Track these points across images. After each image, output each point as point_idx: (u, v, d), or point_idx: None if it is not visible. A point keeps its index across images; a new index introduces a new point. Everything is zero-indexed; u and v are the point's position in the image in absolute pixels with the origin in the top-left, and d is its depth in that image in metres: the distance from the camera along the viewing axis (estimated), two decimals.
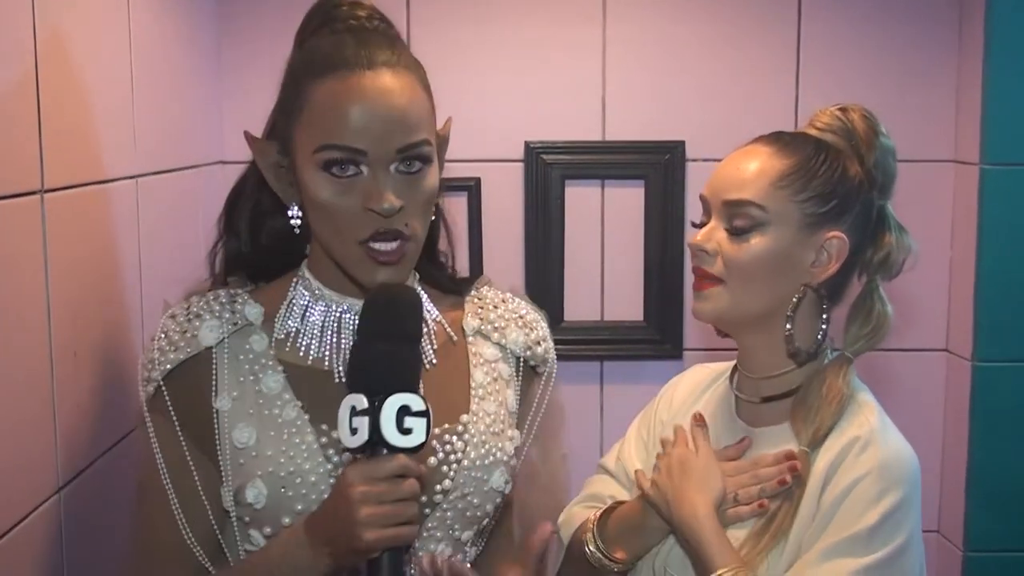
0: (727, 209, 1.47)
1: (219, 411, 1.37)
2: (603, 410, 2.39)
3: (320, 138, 1.30)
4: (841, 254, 1.48)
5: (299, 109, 1.33)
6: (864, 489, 1.39)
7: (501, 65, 2.32)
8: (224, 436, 1.37)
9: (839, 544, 1.37)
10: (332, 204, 1.31)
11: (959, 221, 2.34)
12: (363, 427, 1.21)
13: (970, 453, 2.27)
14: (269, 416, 1.37)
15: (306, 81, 1.32)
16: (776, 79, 2.32)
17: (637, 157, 2.34)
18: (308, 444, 1.36)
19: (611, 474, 1.68)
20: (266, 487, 1.34)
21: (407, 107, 1.31)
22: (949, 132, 2.35)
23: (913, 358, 2.39)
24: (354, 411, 1.21)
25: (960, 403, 2.32)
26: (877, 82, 2.32)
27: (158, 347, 1.38)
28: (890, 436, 1.45)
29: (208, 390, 1.38)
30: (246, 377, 1.39)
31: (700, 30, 2.32)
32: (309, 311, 1.42)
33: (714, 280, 1.47)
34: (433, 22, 2.30)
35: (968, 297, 2.28)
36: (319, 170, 1.31)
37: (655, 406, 1.70)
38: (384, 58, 1.32)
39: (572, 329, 2.36)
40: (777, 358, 1.51)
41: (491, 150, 2.33)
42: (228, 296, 1.43)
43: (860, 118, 1.52)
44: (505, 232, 2.35)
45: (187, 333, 1.38)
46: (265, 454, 1.35)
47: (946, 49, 2.33)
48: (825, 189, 1.46)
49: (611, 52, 2.33)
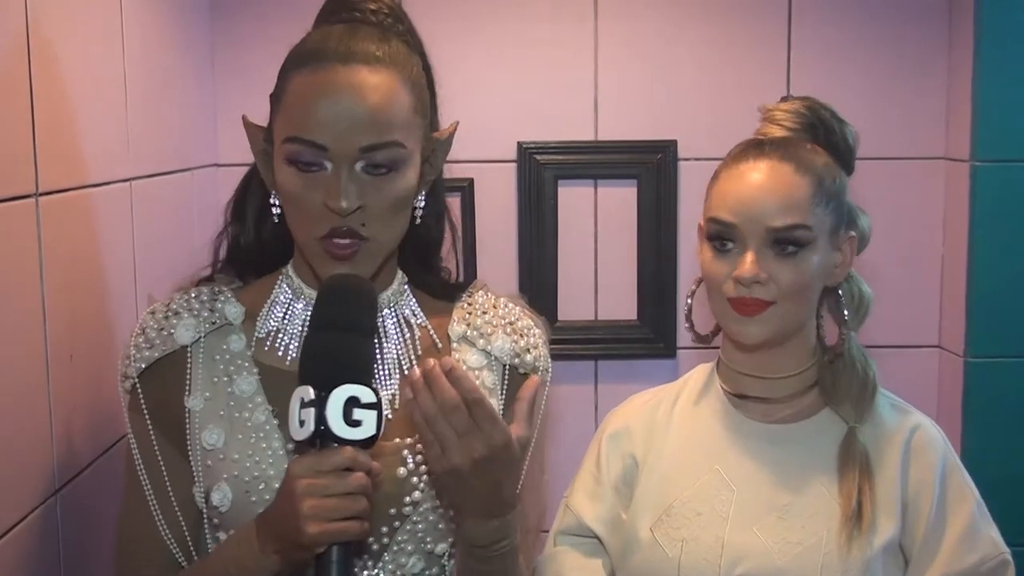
0: (773, 235, 1.47)
1: (191, 411, 1.36)
2: (598, 409, 2.39)
3: (287, 130, 1.28)
4: (854, 251, 1.56)
5: (278, 99, 1.32)
6: (953, 464, 1.54)
7: (493, 66, 2.32)
8: (195, 436, 1.35)
9: (975, 520, 1.51)
10: (296, 197, 1.29)
11: (951, 218, 2.35)
12: (310, 419, 1.18)
13: (963, 449, 2.27)
14: (239, 419, 1.35)
15: (288, 71, 1.31)
16: (767, 78, 2.33)
17: (630, 157, 2.35)
18: (274, 450, 1.34)
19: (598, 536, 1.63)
20: (231, 491, 1.33)
21: (378, 105, 1.27)
22: (940, 129, 2.35)
23: (906, 355, 2.40)
24: (302, 403, 1.19)
25: (953, 399, 2.33)
26: (868, 80, 2.33)
27: (135, 344, 1.38)
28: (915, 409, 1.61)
29: (181, 389, 1.36)
30: (220, 378, 1.37)
31: (692, 29, 2.33)
32: (290, 310, 1.41)
33: (766, 304, 1.49)
34: (424, 22, 2.29)
35: (960, 294, 2.29)
36: (286, 162, 1.29)
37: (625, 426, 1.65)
38: (364, 53, 1.29)
39: (566, 329, 2.37)
40: (797, 359, 1.56)
41: (484, 151, 2.33)
42: (210, 294, 1.41)
43: (818, 109, 1.57)
44: (498, 233, 2.36)
45: (163, 331, 1.37)
46: (232, 457, 1.34)
47: (936, 46, 2.34)
48: (836, 196, 1.52)
49: (603, 52, 2.33)
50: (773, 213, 1.47)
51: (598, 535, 1.62)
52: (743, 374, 1.57)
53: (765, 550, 1.48)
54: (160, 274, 1.82)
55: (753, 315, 1.49)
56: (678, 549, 1.52)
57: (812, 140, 1.54)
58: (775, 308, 1.49)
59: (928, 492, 1.50)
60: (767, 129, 1.57)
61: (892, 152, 2.35)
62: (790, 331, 1.52)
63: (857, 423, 1.53)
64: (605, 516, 1.62)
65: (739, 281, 1.48)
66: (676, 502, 1.55)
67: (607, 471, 1.63)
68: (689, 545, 1.51)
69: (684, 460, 1.59)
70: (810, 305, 1.53)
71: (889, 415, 1.56)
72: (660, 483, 1.58)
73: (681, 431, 1.61)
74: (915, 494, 1.50)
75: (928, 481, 1.51)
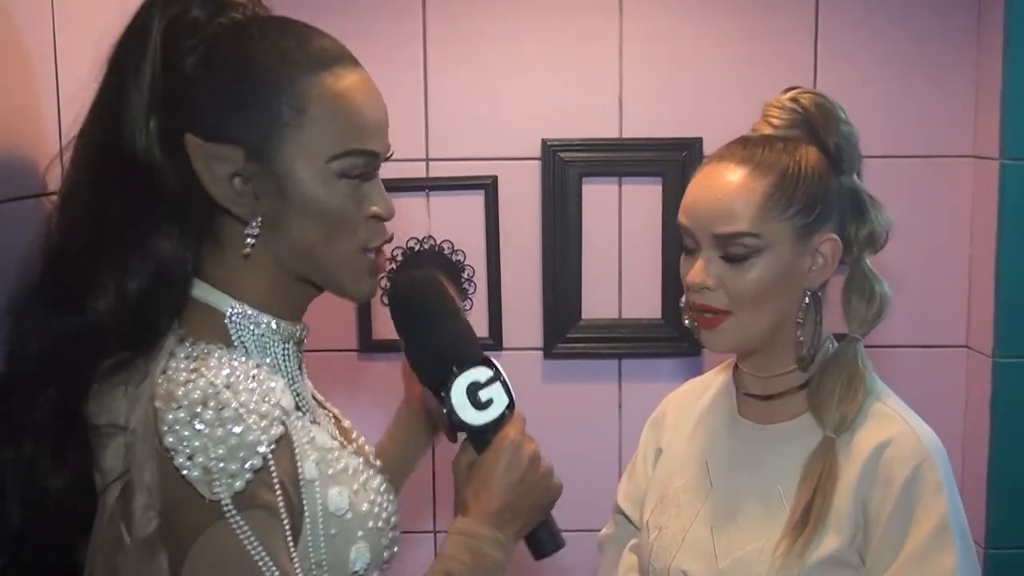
0: (719, 241, 1.44)
1: (306, 481, 1.16)
2: (622, 408, 2.39)
3: (339, 144, 1.16)
4: (836, 254, 1.48)
5: (292, 109, 1.15)
6: (927, 480, 1.42)
7: (518, 63, 2.32)
8: (315, 509, 1.17)
9: (928, 542, 1.40)
10: (346, 212, 1.18)
11: (979, 216, 2.33)
12: (498, 394, 1.26)
13: (991, 450, 2.25)
14: (342, 471, 1.23)
15: (293, 76, 1.16)
16: (794, 75, 2.31)
17: (654, 154, 2.33)
18: (381, 483, 1.31)
19: (626, 515, 1.72)
20: (368, 546, 1.23)
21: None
22: (968, 127, 2.33)
23: (933, 355, 2.38)
24: (478, 385, 1.25)
25: (981, 400, 2.31)
26: (895, 76, 2.31)
27: (255, 424, 1.09)
28: (918, 420, 1.49)
29: (293, 463, 1.15)
30: (307, 435, 1.20)
31: (717, 25, 2.32)
32: (265, 350, 1.22)
33: (721, 313, 1.46)
34: (449, 20, 2.30)
35: (988, 293, 2.27)
36: (334, 178, 1.17)
37: (663, 413, 1.73)
38: (350, 52, 1.23)
39: (590, 327, 2.36)
40: (787, 356, 1.51)
41: (508, 148, 2.33)
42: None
43: (814, 104, 1.51)
44: (522, 230, 2.35)
45: (268, 399, 1.13)
46: (360, 510, 1.22)
47: (965, 43, 2.31)
48: (808, 197, 1.45)
49: (628, 48, 2.32)
50: (717, 219, 1.44)
51: (625, 512, 1.71)
52: (744, 371, 1.57)
53: (711, 552, 1.49)
54: None
55: (713, 327, 1.47)
56: (655, 535, 1.57)
57: (801, 138, 1.49)
58: (733, 319, 1.45)
59: (886, 509, 1.41)
60: (758, 126, 1.55)
61: (919, 150, 2.33)
62: (759, 338, 1.48)
63: (833, 433, 1.46)
64: (632, 494, 1.71)
65: (689, 286, 1.47)
66: (671, 490, 1.59)
67: (642, 454, 1.72)
68: (662, 533, 1.56)
69: (688, 451, 1.62)
70: (777, 311, 1.47)
71: (867, 425, 1.47)
72: (667, 470, 1.63)
73: (697, 422, 1.64)
74: (872, 510, 1.43)
75: (889, 497, 1.42)
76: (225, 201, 1.16)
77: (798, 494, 1.45)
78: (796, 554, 1.42)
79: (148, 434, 1.08)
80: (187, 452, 1.05)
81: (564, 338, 2.34)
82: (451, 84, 2.31)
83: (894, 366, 2.28)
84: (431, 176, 2.32)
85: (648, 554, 1.58)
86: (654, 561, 1.56)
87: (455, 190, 2.33)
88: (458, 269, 2.34)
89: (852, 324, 1.52)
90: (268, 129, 1.15)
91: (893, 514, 1.41)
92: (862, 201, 1.52)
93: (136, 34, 1.17)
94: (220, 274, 1.20)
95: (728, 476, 1.55)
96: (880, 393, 1.52)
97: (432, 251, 2.34)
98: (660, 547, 1.55)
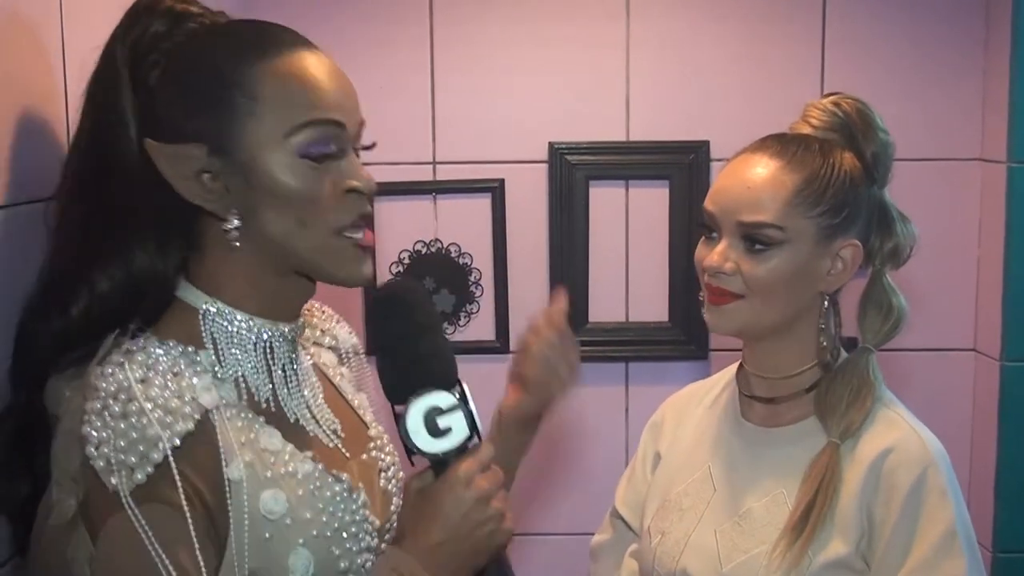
0: (742, 229, 1.45)
1: (231, 482, 1.15)
2: (628, 412, 2.38)
3: (293, 118, 1.15)
4: (856, 261, 1.49)
5: (245, 98, 1.15)
6: (932, 486, 1.41)
7: (524, 66, 2.32)
8: (241, 511, 1.15)
9: (936, 548, 1.39)
10: (309, 193, 1.16)
11: (986, 220, 2.32)
12: (457, 422, 1.17)
13: (999, 454, 2.25)
14: (287, 475, 1.19)
15: (243, 67, 1.16)
16: (801, 78, 2.31)
17: (661, 157, 2.33)
18: (336, 494, 1.23)
19: (624, 521, 1.71)
20: (313, 553, 1.19)
21: (350, 83, 1.22)
22: (976, 130, 2.33)
23: (941, 358, 2.37)
24: (438, 411, 1.16)
25: (989, 403, 2.30)
26: (903, 80, 2.31)
27: (157, 419, 1.09)
28: (922, 426, 1.49)
29: (217, 460, 1.14)
30: (247, 436, 1.18)
31: (724, 29, 2.32)
32: (241, 348, 1.21)
33: (733, 296, 1.47)
34: (456, 24, 2.30)
35: (996, 296, 2.27)
36: (294, 157, 1.15)
37: (662, 418, 1.72)
38: (304, 37, 1.22)
39: (597, 330, 2.36)
40: (795, 358, 1.51)
41: (515, 151, 2.33)
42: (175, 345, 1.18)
43: (855, 110, 1.51)
44: (529, 233, 2.35)
45: (183, 396, 1.13)
46: (304, 517, 1.19)
47: (972, 46, 2.31)
48: (837, 200, 1.45)
49: (635, 52, 2.32)
50: (745, 207, 1.45)
51: (623, 517, 1.70)
52: (750, 372, 1.56)
53: (715, 555, 1.49)
54: None
55: (720, 304, 1.48)
56: (657, 540, 1.57)
57: (839, 143, 1.50)
58: (743, 302, 1.46)
59: (891, 515, 1.41)
60: (796, 125, 1.55)
61: (927, 153, 2.32)
62: (765, 328, 1.48)
63: (838, 439, 1.46)
64: (631, 500, 1.70)
65: (705, 270, 1.48)
66: (672, 495, 1.59)
67: (641, 459, 1.71)
68: (665, 538, 1.55)
69: (690, 455, 1.61)
70: (789, 306, 1.47)
71: (871, 430, 1.46)
72: (667, 475, 1.63)
73: (698, 426, 1.63)
74: (876, 516, 1.42)
75: (893, 503, 1.41)
76: (196, 199, 1.17)
77: (799, 495, 1.45)
78: (799, 558, 1.41)
79: (75, 422, 1.12)
80: (95, 442, 1.08)
81: None
82: (458, 88, 2.31)
83: (902, 370, 2.28)
84: (438, 179, 2.33)
85: (651, 560, 1.57)
86: (658, 566, 1.56)
87: (462, 193, 2.33)
88: (465, 272, 2.35)
89: (866, 335, 1.52)
90: (226, 121, 1.16)
91: (899, 521, 1.41)
92: (890, 214, 1.52)
93: (104, 74, 1.21)
94: (201, 273, 1.22)
95: (731, 479, 1.54)
96: (886, 400, 1.51)
97: (439, 254, 2.34)
98: (663, 552, 1.55)
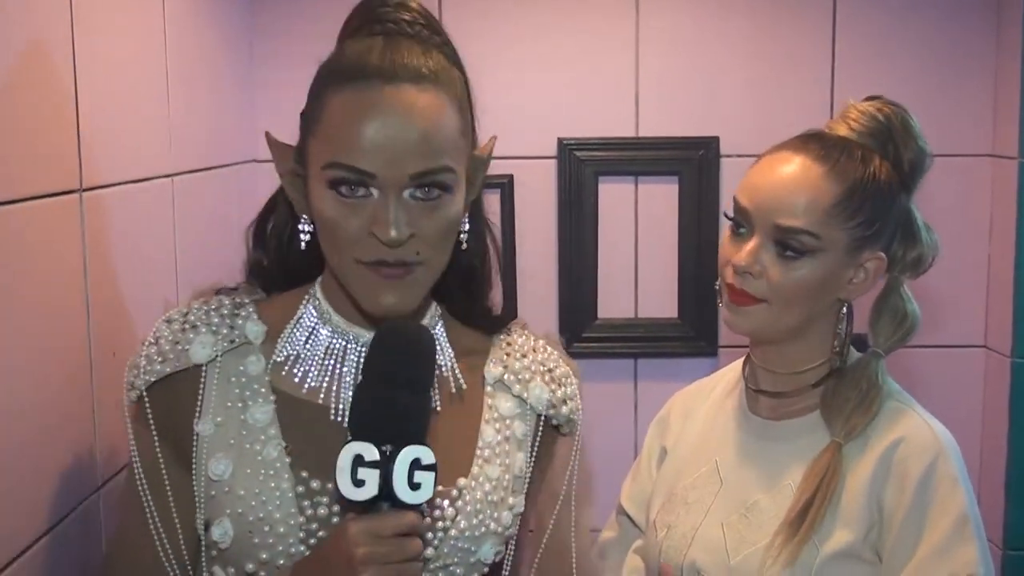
0: (777, 233, 1.44)
1: (199, 435, 1.25)
2: (637, 408, 2.38)
3: (329, 154, 1.18)
4: (879, 272, 1.49)
5: (315, 119, 1.21)
6: (943, 474, 1.42)
7: (534, 62, 2.31)
8: (201, 463, 1.25)
9: (949, 534, 1.39)
10: (336, 223, 1.19)
11: (997, 216, 2.31)
12: (372, 480, 1.11)
13: (1009, 451, 2.24)
14: (249, 451, 1.24)
15: (325, 89, 1.21)
16: (811, 74, 2.30)
17: (671, 153, 2.33)
18: (283, 491, 1.23)
19: (629, 517, 1.71)
20: (233, 527, 1.23)
21: (428, 129, 1.17)
22: (987, 126, 2.32)
23: (951, 355, 2.36)
24: (360, 461, 1.11)
25: (999, 400, 2.29)
26: (913, 75, 2.30)
27: (146, 354, 1.27)
28: (931, 417, 1.49)
29: (192, 410, 1.26)
30: (234, 403, 1.26)
31: (734, 24, 2.31)
32: (315, 334, 1.29)
33: (755, 300, 1.46)
34: (464, 19, 2.30)
35: (1007, 293, 2.26)
36: (326, 187, 1.19)
37: (667, 413, 1.72)
38: (411, 70, 1.18)
39: (606, 326, 2.36)
40: (805, 355, 1.51)
41: (524, 147, 2.32)
42: (232, 307, 1.31)
43: (898, 117, 1.49)
44: (538, 229, 2.35)
45: (178, 345, 1.27)
46: (237, 493, 1.23)
47: (983, 42, 2.30)
48: (872, 212, 1.45)
49: (644, 47, 2.31)
50: (783, 211, 1.43)
51: (628, 514, 1.70)
52: (758, 366, 1.56)
53: (722, 547, 1.49)
54: (201, 269, 1.83)
55: (741, 305, 1.47)
56: (663, 534, 1.56)
57: (877, 149, 1.48)
58: (765, 307, 1.46)
59: (903, 504, 1.41)
60: (834, 124, 1.53)
61: (938, 148, 2.25)
62: (781, 333, 1.48)
63: (841, 440, 1.45)
64: (636, 496, 1.70)
65: (733, 268, 1.47)
66: (678, 489, 1.59)
67: (647, 455, 1.71)
68: (671, 531, 1.55)
69: (696, 450, 1.61)
70: (808, 312, 1.47)
71: (880, 421, 1.47)
72: (673, 469, 1.63)
73: (705, 421, 1.63)
74: (887, 506, 1.42)
75: (905, 492, 1.41)
76: (289, 196, 1.29)
77: (799, 491, 1.45)
78: (803, 549, 1.41)
79: None
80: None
81: (580, 337, 2.34)
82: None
83: (912, 366, 2.27)
84: None
85: (657, 553, 1.57)
86: (664, 559, 1.55)
87: None
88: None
89: (878, 339, 1.52)
90: (306, 133, 1.24)
91: (910, 509, 1.41)
92: (915, 223, 1.52)
93: None
94: (327, 265, 1.30)
95: (738, 472, 1.54)
96: (896, 394, 1.51)
97: None
98: (670, 545, 1.55)
